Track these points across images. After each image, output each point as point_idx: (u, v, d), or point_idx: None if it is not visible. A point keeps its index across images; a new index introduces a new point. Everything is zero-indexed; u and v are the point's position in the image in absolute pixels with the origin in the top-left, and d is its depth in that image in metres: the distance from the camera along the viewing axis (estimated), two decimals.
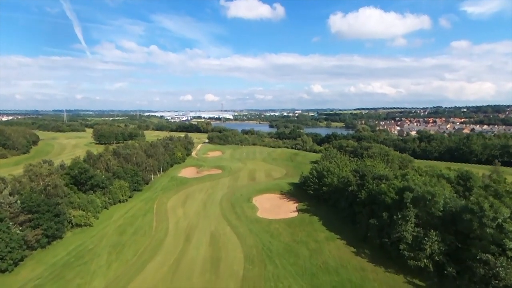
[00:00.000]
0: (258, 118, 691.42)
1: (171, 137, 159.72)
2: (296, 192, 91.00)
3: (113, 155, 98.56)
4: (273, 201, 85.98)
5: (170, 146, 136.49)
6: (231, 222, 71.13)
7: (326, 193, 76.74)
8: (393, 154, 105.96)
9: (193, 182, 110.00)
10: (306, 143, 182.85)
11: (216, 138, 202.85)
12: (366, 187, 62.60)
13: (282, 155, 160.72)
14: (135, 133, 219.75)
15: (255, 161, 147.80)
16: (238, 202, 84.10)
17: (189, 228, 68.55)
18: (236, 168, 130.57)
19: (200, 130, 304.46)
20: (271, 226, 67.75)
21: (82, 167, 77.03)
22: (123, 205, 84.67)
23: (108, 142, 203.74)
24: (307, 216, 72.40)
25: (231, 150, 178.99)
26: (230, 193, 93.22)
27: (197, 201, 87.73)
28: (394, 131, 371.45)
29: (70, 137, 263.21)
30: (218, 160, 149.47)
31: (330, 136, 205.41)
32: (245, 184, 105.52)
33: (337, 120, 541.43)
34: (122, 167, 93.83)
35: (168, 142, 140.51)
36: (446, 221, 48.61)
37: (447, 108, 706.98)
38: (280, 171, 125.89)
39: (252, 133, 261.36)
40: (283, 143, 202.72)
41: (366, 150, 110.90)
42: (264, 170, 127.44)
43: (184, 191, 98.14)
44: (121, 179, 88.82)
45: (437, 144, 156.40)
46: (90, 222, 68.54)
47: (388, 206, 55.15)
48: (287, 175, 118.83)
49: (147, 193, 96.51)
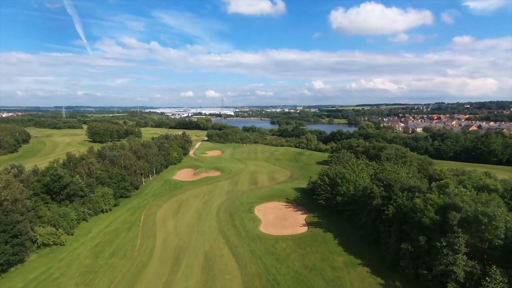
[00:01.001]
0: (259, 114, 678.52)
1: (167, 136, 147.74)
2: (304, 200, 79.05)
3: (98, 158, 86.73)
4: (278, 211, 74.06)
5: (165, 145, 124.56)
6: (229, 239, 59.31)
7: (340, 204, 64.80)
8: (411, 156, 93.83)
9: (189, 186, 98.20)
10: (310, 141, 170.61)
11: (216, 136, 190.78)
12: (393, 200, 50.60)
13: (286, 154, 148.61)
14: (131, 130, 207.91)
15: (256, 162, 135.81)
16: (238, 213, 72.26)
17: (179, 247, 56.78)
18: (236, 169, 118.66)
19: (200, 127, 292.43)
20: (276, 246, 55.92)
21: (55, 174, 65.18)
22: (105, 216, 72.93)
23: (103, 140, 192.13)
24: (319, 232, 60.49)
25: (231, 149, 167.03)
26: (229, 201, 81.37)
27: (191, 210, 75.93)
28: (399, 128, 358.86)
29: (66, 134, 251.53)
30: (217, 161, 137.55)
31: (336, 134, 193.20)
32: (246, 189, 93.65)
33: (340, 116, 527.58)
34: (107, 171, 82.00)
35: (163, 141, 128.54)
36: (510, 253, 36.67)
37: (450, 104, 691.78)
38: (284, 173, 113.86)
39: (254, 130, 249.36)
40: (286, 141, 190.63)
41: (380, 150, 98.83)
42: (266, 172, 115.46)
43: (177, 198, 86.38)
44: (105, 186, 77.02)
45: (452, 143, 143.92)
46: (62, 240, 56.84)
47: (425, 228, 43.19)
48: (292, 178, 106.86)
49: (136, 200, 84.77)
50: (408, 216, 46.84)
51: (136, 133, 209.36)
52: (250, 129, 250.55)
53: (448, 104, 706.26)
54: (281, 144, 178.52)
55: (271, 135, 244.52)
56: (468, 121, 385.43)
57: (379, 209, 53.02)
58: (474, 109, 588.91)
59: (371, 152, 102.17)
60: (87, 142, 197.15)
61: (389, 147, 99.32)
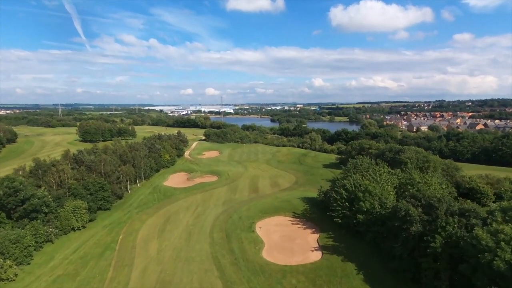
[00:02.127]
0: (259, 112, 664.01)
1: (160, 135, 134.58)
2: (314, 214, 65.93)
3: (73, 163, 73.60)
4: (283, 229, 61.04)
5: (156, 147, 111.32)
6: (224, 271, 46.33)
7: (362, 224, 51.85)
8: (435, 160, 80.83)
9: (180, 194, 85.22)
10: (315, 141, 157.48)
11: (214, 136, 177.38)
12: (440, 227, 37.67)
13: (289, 156, 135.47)
14: (125, 129, 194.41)
15: (257, 164, 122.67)
16: (236, 231, 59.30)
17: (161, 283, 43.89)
18: (235, 173, 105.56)
19: (198, 125, 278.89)
20: (284, 282, 42.99)
21: (10, 186, 52.14)
22: (76, 235, 60.00)
23: (94, 140, 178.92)
24: (337, 261, 47.47)
25: (229, 150, 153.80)
26: (226, 214, 68.35)
27: (180, 227, 62.94)
28: (402, 126, 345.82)
29: (58, 133, 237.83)
30: (214, 163, 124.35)
31: (341, 133, 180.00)
32: (245, 198, 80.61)
33: (341, 114, 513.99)
34: (83, 180, 68.92)
35: (153, 142, 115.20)
36: None
37: (451, 102, 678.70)
38: (288, 178, 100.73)
39: (254, 128, 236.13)
40: (288, 140, 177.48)
41: (398, 154, 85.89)
42: (268, 177, 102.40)
43: (166, 210, 73.38)
44: (79, 198, 64.04)
45: (469, 144, 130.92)
46: (9, 275, 43.83)
47: (498, 275, 30.29)
48: (297, 184, 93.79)
49: (117, 213, 71.77)
50: (466, 252, 33.92)
51: (130, 132, 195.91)
52: (250, 128, 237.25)
53: (449, 101, 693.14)
54: (283, 144, 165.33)
55: (272, 134, 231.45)
56: (472, 119, 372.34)
57: (418, 237, 40.03)
58: (476, 107, 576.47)
59: (387, 155, 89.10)
60: (77, 141, 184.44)
61: (407, 150, 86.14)
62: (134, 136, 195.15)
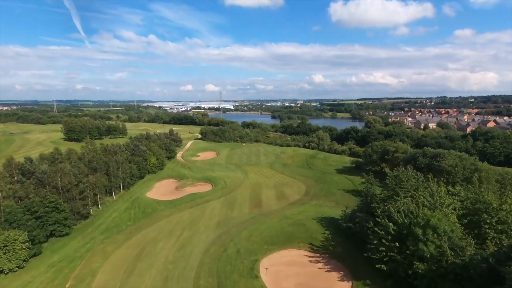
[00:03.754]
0: (259, 108, 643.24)
1: (148, 135, 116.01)
2: (339, 248, 47.27)
3: (17, 175, 55.00)
4: (299, 272, 42.57)
5: (141, 148, 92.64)
6: None
7: (423, 277, 33.40)
8: (487, 169, 62.49)
9: (164, 210, 66.88)
10: (323, 140, 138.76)
11: (211, 134, 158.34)
12: None
13: (295, 158, 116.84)
14: (115, 127, 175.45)
15: (259, 168, 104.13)
16: (231, 276, 40.90)
17: None
18: (233, 181, 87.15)
19: (196, 122, 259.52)
20: None
21: None
22: (6, 282, 41.66)
23: (79, 139, 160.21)
24: None
25: (228, 150, 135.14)
26: (219, 245, 49.87)
27: (155, 266, 44.56)
28: (407, 123, 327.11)
29: (46, 130, 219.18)
30: (210, 167, 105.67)
31: (350, 131, 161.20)
32: (245, 217, 62.09)
33: (342, 110, 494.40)
34: (28, 198, 50.39)
35: (138, 143, 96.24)
36: None
37: (453, 98, 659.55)
38: (298, 187, 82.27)
39: (254, 126, 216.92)
40: (292, 140, 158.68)
41: (436, 160, 67.44)
42: (273, 185, 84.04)
43: (142, 235, 55.09)
44: (15, 226, 45.59)
45: (501, 144, 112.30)
46: None
47: None
48: (309, 196, 75.35)
49: (75, 241, 53.36)
50: None
51: (120, 129, 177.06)
52: (250, 125, 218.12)
53: (451, 98, 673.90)
54: (287, 144, 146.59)
55: (273, 131, 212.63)
56: (482, 116, 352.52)
57: None
58: (479, 103, 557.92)
59: (420, 161, 70.60)
60: (63, 140, 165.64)
61: (447, 155, 67.52)
62: (125, 134, 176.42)
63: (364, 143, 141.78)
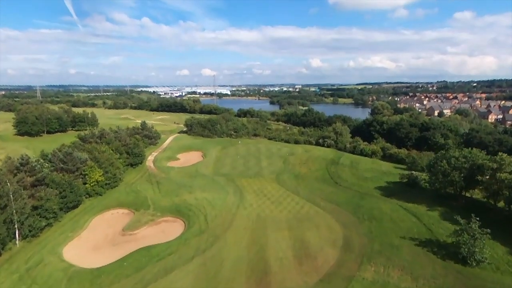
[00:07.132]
0: (257, 93, 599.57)
1: (102, 133, 79.08)
2: None
3: None
4: None
5: (75, 159, 56.00)
6: None
7: None
8: None
9: None
10: (342, 136, 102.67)
11: (198, 127, 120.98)
12: None
13: (311, 164, 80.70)
14: (81, 117, 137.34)
15: (261, 183, 68.19)
16: None
17: None
18: (220, 213, 51.43)
19: (186, 110, 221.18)
20: None
21: None
22: None
23: (32, 132, 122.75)
24: None
25: (218, 150, 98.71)
26: None
27: None
28: (418, 110, 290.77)
29: (8, 120, 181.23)
30: (188, 181, 69.33)
31: (372, 123, 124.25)
32: None
33: (344, 95, 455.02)
34: None
35: (70, 151, 59.03)
36: None
37: (455, 83, 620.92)
38: (328, 229, 46.63)
39: (252, 114, 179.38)
40: (300, 133, 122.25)
41: None
42: (286, 222, 48.41)
43: None
44: None
45: None
46: None
47: None
48: (351, 252, 39.85)
49: None
50: None
51: (89, 120, 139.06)
52: (247, 113, 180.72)
53: (452, 82, 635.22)
54: (295, 140, 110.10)
55: (274, 120, 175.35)
56: (496, 101, 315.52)
57: None
58: (483, 88, 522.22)
59: None
60: (12, 135, 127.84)
61: None
62: (95, 125, 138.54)
63: (391, 139, 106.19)
